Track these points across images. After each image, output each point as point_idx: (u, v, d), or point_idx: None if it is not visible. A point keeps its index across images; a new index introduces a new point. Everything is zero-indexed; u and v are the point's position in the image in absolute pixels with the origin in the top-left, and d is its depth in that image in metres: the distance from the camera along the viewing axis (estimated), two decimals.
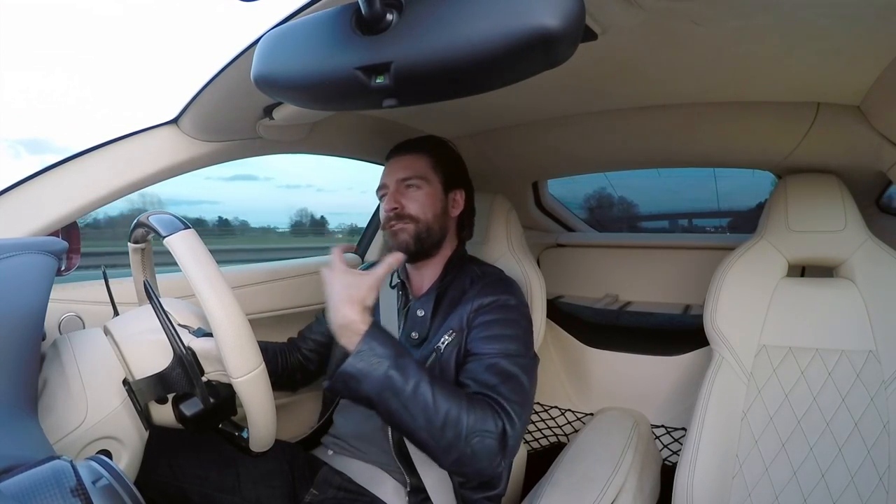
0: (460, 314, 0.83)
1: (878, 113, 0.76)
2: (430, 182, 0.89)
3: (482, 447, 0.65)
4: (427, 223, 0.87)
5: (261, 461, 0.83)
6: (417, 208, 0.87)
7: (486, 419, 0.67)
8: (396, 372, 0.63)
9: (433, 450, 0.67)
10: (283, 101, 0.46)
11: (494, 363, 0.75)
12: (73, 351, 0.59)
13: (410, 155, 0.91)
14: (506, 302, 0.83)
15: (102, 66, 34.13)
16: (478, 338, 0.79)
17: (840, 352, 0.87)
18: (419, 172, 0.88)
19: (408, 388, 0.64)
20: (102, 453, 0.56)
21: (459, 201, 0.93)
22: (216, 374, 0.62)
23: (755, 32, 0.57)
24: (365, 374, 0.63)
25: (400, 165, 0.90)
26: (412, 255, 0.88)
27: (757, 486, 0.85)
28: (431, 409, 0.64)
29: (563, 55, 0.31)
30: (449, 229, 0.92)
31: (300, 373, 1.01)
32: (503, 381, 0.73)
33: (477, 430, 0.65)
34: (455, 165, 0.95)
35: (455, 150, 0.98)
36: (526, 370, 0.77)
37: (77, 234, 0.80)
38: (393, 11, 0.32)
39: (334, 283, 0.68)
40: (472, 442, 0.65)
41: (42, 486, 0.32)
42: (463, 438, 0.65)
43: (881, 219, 1.17)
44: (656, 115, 0.91)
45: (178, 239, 0.57)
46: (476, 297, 0.83)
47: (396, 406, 0.64)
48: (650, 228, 2.10)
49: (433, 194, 0.89)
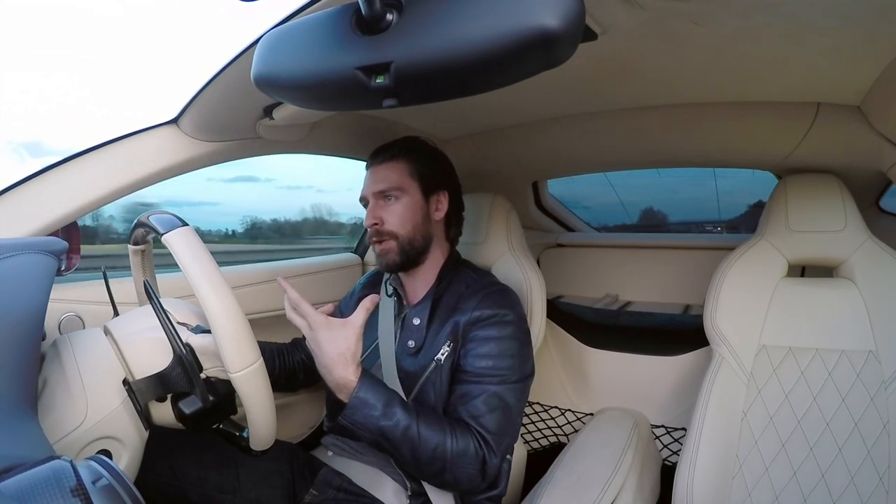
0: (456, 322, 0.83)
1: (878, 113, 0.76)
2: (407, 191, 0.87)
3: (464, 474, 0.73)
4: (408, 237, 0.86)
5: (261, 462, 0.83)
6: (397, 223, 0.86)
7: (468, 450, 0.73)
8: (386, 420, 0.71)
9: (421, 476, 0.77)
10: (283, 101, 0.46)
11: (485, 390, 0.77)
12: (73, 351, 0.59)
13: (385, 164, 0.88)
14: (503, 318, 0.83)
15: (102, 66, 34.18)
16: (472, 353, 0.80)
17: (840, 352, 0.87)
18: (395, 183, 0.86)
19: (397, 432, 0.71)
20: (102, 453, 0.56)
21: (443, 203, 0.91)
22: (215, 371, 0.62)
23: (755, 32, 0.57)
24: (358, 426, 0.70)
25: (377, 177, 0.88)
26: (401, 267, 0.88)
27: (757, 486, 0.85)
28: (418, 447, 0.71)
29: (564, 55, 0.31)
30: (434, 234, 0.90)
31: (303, 373, 1.01)
32: (489, 410, 0.76)
33: (458, 461, 0.73)
34: (434, 167, 0.91)
35: (434, 149, 0.93)
36: (516, 394, 0.80)
37: (77, 234, 0.80)
38: (393, 11, 0.32)
39: (319, 339, 0.70)
40: (455, 470, 0.73)
41: (42, 486, 0.32)
42: (447, 468, 0.72)
43: (881, 219, 1.17)
44: (656, 115, 0.91)
45: (176, 236, 0.57)
46: (474, 309, 0.83)
47: (388, 447, 0.72)
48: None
49: (412, 204, 0.87)
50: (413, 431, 0.71)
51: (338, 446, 0.89)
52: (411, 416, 0.72)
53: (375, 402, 0.70)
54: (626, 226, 2.02)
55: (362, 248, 1.43)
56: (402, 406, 0.73)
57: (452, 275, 0.90)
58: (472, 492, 0.76)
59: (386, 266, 0.88)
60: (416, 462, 0.72)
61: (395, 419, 0.70)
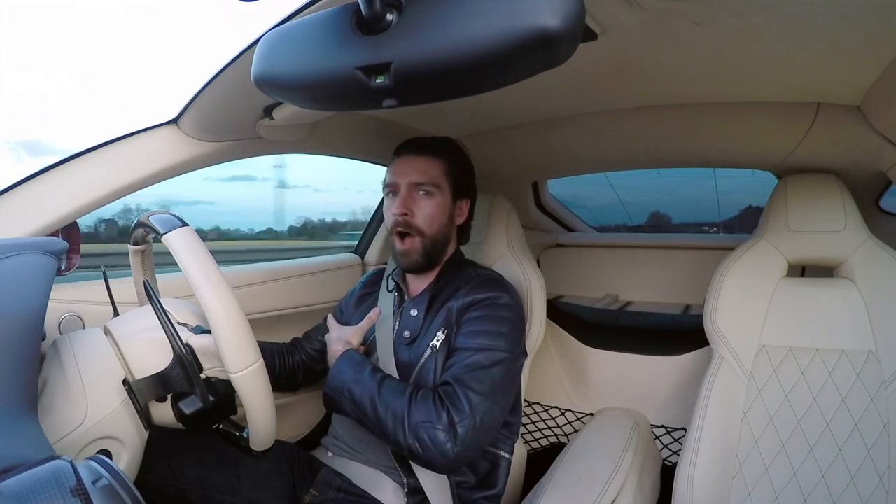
0: (449, 308, 0.84)
1: (878, 113, 0.76)
2: (441, 190, 0.87)
3: (427, 438, 0.70)
4: (433, 236, 0.86)
5: (261, 462, 0.83)
6: (425, 220, 0.85)
7: (430, 411, 0.72)
8: (355, 384, 0.77)
9: (392, 445, 0.75)
10: (283, 101, 0.46)
11: (467, 357, 0.77)
12: (73, 351, 0.59)
13: (425, 157, 0.87)
14: (496, 300, 0.83)
15: (102, 66, 34.21)
16: (464, 333, 0.81)
17: (840, 352, 0.87)
18: (433, 179, 0.85)
19: (364, 394, 0.75)
20: (102, 453, 0.56)
21: (464, 210, 0.92)
22: (215, 371, 0.62)
23: (755, 32, 0.57)
24: (334, 390, 0.79)
25: (414, 167, 0.86)
26: (423, 268, 0.89)
27: (757, 486, 0.85)
28: (378, 408, 0.74)
29: (564, 55, 0.31)
30: (451, 237, 0.92)
31: (303, 373, 1.01)
32: (469, 371, 0.76)
33: (420, 423, 0.71)
34: (466, 173, 0.92)
35: (467, 157, 0.94)
36: (502, 363, 0.78)
37: (77, 234, 0.80)
38: (393, 11, 0.32)
39: (331, 331, 0.89)
40: (418, 432, 0.71)
41: (42, 486, 0.32)
42: (410, 432, 0.71)
43: (881, 219, 1.17)
44: (656, 115, 0.91)
45: (176, 236, 0.57)
46: (468, 294, 0.84)
47: (358, 413, 0.76)
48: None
49: (442, 204, 0.87)
50: (374, 392, 0.75)
51: (337, 447, 0.89)
52: (375, 378, 0.77)
53: (347, 368, 0.79)
54: (626, 226, 2.03)
55: (362, 248, 1.43)
56: (372, 372, 0.78)
57: (455, 271, 0.91)
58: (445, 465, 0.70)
59: (408, 266, 0.87)
60: (381, 424, 0.73)
61: (362, 383, 0.76)
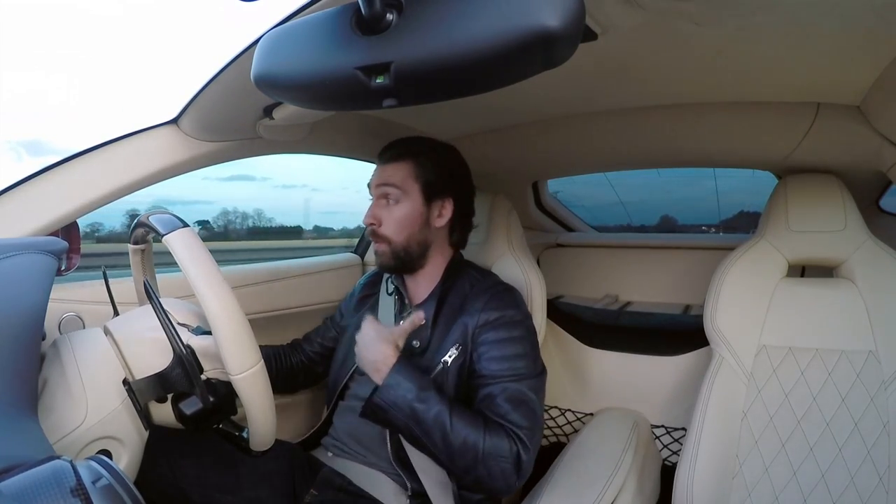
0: (464, 325, 0.82)
1: (878, 113, 0.76)
2: (408, 194, 0.84)
3: (498, 470, 0.71)
4: (402, 244, 0.84)
5: (261, 461, 0.83)
6: (392, 228, 0.84)
7: (502, 445, 0.71)
8: (420, 403, 0.70)
9: (454, 470, 0.74)
10: (283, 101, 0.46)
11: (505, 388, 0.76)
12: (73, 351, 0.59)
13: (392, 164, 0.85)
14: (512, 318, 0.83)
15: (102, 66, 34.11)
16: (486, 357, 0.79)
17: (840, 352, 0.87)
18: (398, 184, 0.84)
19: (430, 415, 0.70)
20: (102, 453, 0.56)
21: (446, 209, 0.87)
22: (215, 373, 0.62)
23: (755, 32, 0.57)
24: (391, 406, 0.71)
25: (380, 175, 0.86)
26: (395, 270, 0.88)
27: (757, 487, 0.85)
28: (450, 435, 0.70)
29: (563, 55, 0.31)
30: (434, 240, 0.88)
31: (303, 374, 1.01)
32: (514, 407, 0.75)
33: (492, 455, 0.70)
34: (441, 171, 0.86)
35: (445, 153, 0.90)
36: (535, 389, 0.79)
37: (77, 234, 0.80)
38: (393, 11, 0.32)
39: (368, 329, 0.77)
40: (489, 465, 0.70)
41: (42, 486, 0.32)
42: (480, 462, 0.70)
43: (881, 219, 1.17)
44: (656, 115, 0.91)
45: (177, 237, 0.57)
46: (481, 312, 0.82)
47: (419, 433, 0.71)
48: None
49: (411, 209, 0.84)
50: (445, 418, 0.70)
51: (338, 447, 0.89)
52: (444, 403, 0.71)
53: (411, 383, 0.71)
54: (630, 226, 2.03)
55: (362, 248, 1.43)
56: (437, 392, 0.72)
57: (456, 276, 0.90)
58: (506, 490, 0.73)
59: (380, 265, 0.88)
60: (448, 451, 0.70)
61: (429, 403, 0.70)
